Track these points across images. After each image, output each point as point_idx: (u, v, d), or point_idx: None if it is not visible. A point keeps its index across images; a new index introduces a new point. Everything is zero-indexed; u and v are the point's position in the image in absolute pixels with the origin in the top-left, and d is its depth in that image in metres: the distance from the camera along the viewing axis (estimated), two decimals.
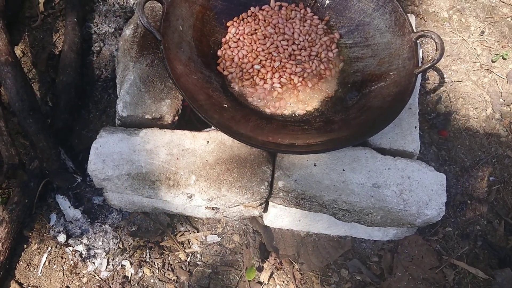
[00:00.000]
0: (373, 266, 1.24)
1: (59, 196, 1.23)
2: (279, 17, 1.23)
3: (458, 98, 1.47)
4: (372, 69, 1.16)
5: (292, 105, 1.16)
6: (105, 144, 1.06)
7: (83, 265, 1.19)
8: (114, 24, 1.47)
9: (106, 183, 1.06)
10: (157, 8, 1.22)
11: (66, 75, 1.32)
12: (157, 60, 1.16)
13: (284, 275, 1.22)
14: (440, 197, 1.07)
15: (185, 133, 1.10)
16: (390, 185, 1.07)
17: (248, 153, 1.08)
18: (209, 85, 1.12)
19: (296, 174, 1.06)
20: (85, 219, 1.22)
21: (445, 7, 1.61)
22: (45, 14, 1.48)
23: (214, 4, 1.20)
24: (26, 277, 1.17)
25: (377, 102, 1.10)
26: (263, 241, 1.24)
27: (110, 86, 1.39)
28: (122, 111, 1.09)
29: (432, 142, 1.39)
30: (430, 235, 1.28)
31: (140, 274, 1.19)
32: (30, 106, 1.20)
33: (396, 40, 1.14)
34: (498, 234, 1.30)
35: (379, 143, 1.13)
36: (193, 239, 1.24)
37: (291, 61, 1.18)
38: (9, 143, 1.22)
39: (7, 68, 1.21)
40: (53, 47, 1.44)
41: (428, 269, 1.22)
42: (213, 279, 1.20)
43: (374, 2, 1.18)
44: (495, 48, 1.54)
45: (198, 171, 1.06)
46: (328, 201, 1.05)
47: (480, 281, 1.23)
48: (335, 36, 1.23)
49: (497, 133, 1.43)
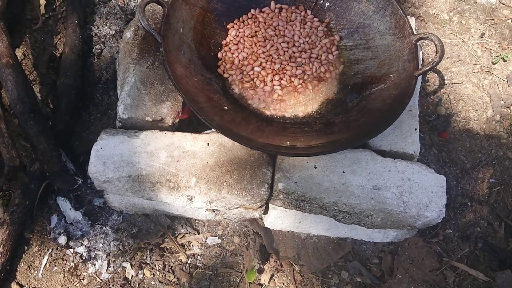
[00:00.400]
0: (373, 268, 1.24)
1: (60, 198, 1.24)
2: (279, 19, 1.23)
3: (458, 100, 1.47)
4: (372, 71, 1.16)
5: (293, 107, 1.16)
6: (106, 146, 1.07)
7: (83, 267, 1.19)
8: (115, 26, 1.47)
9: (106, 185, 1.07)
10: (157, 11, 1.22)
11: (67, 77, 1.32)
12: (157, 62, 1.16)
13: (285, 277, 1.22)
14: (440, 199, 1.07)
15: (185, 135, 1.10)
16: (390, 187, 1.07)
17: (248, 155, 1.09)
18: (210, 87, 1.12)
19: (296, 176, 1.06)
20: (86, 221, 1.22)
21: (445, 9, 1.61)
22: (46, 16, 1.49)
23: (214, 7, 1.20)
24: (27, 279, 1.17)
25: (377, 104, 1.10)
26: (263, 243, 1.24)
27: (111, 88, 1.39)
28: (122, 113, 1.10)
29: (432, 144, 1.39)
30: (431, 237, 1.28)
31: (141, 276, 1.19)
32: (31, 108, 1.20)
33: (396, 42, 1.15)
34: (498, 236, 1.30)
35: (379, 145, 1.13)
36: (194, 241, 1.24)
37: (291, 63, 1.18)
38: (10, 145, 1.22)
39: (8, 70, 1.21)
40: (54, 49, 1.45)
41: (429, 271, 1.22)
42: (213, 281, 1.21)
43: (374, 5, 1.18)
44: (495, 50, 1.54)
45: (198, 173, 1.06)
46: (328, 203, 1.05)
47: (481, 283, 1.23)
48: (335, 38, 1.24)
49: (497, 135, 1.43)
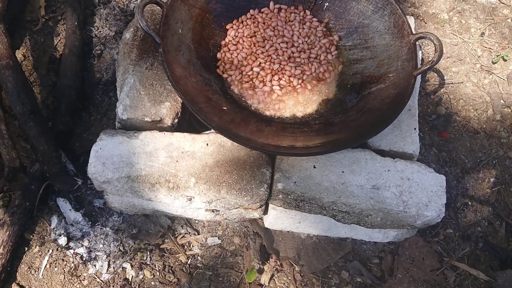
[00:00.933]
0: (373, 268, 1.24)
1: (60, 199, 1.24)
2: (278, 19, 1.23)
3: (458, 100, 1.46)
4: (371, 71, 1.16)
5: (292, 107, 1.16)
6: (105, 147, 1.07)
7: (84, 267, 1.19)
8: (115, 28, 1.47)
9: (106, 186, 1.07)
10: (156, 12, 1.22)
11: (67, 78, 1.33)
12: (156, 63, 1.16)
13: (285, 277, 1.22)
14: (440, 198, 1.07)
15: (184, 135, 1.10)
16: (390, 186, 1.07)
17: (248, 156, 1.09)
18: (209, 88, 1.12)
19: (295, 176, 1.06)
20: (86, 222, 1.22)
21: (445, 9, 1.61)
22: (46, 18, 1.49)
23: (213, 7, 1.20)
24: (28, 280, 1.18)
25: (376, 104, 1.10)
26: (263, 243, 1.24)
27: (111, 89, 1.40)
28: (122, 114, 1.10)
29: (432, 143, 1.39)
30: (431, 236, 1.27)
31: (141, 276, 1.19)
32: (31, 109, 1.21)
33: (395, 42, 1.14)
34: (499, 236, 1.29)
35: (379, 145, 1.13)
36: (194, 241, 1.24)
37: (290, 64, 1.18)
38: (10, 146, 1.22)
39: (8, 72, 1.22)
40: (54, 51, 1.45)
41: (429, 271, 1.22)
42: (213, 281, 1.21)
43: (373, 4, 1.18)
44: (495, 50, 1.54)
45: (197, 174, 1.06)
46: (328, 203, 1.05)
47: (481, 283, 1.23)
48: (334, 38, 1.24)
49: (498, 135, 1.42)
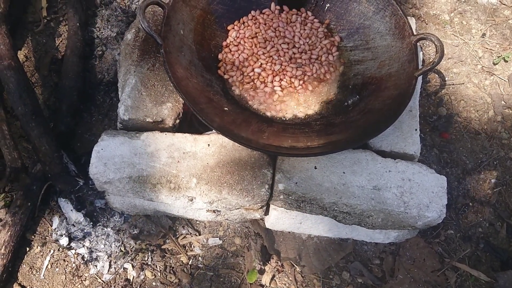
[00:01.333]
0: (374, 269, 1.24)
1: (61, 199, 1.24)
2: (279, 20, 1.23)
3: (459, 101, 1.47)
4: (373, 72, 1.16)
5: (293, 108, 1.16)
6: (107, 148, 1.07)
7: (85, 268, 1.20)
8: (116, 29, 1.48)
9: (107, 186, 1.07)
10: (158, 12, 1.23)
11: (69, 79, 1.33)
12: (158, 64, 1.16)
13: (286, 278, 1.22)
14: (440, 199, 1.07)
15: (186, 136, 1.10)
16: (391, 187, 1.07)
17: (249, 156, 1.09)
18: (210, 89, 1.12)
19: (296, 176, 1.07)
20: (87, 222, 1.22)
21: (446, 10, 1.61)
22: (48, 18, 1.49)
23: (214, 8, 1.20)
24: (29, 280, 1.18)
25: (377, 104, 1.10)
26: (264, 244, 1.24)
27: (112, 90, 1.40)
28: (123, 115, 1.10)
29: (434, 144, 1.39)
30: (432, 237, 1.27)
31: (142, 277, 1.19)
32: (33, 110, 1.21)
33: (396, 43, 1.15)
34: (500, 237, 1.29)
35: (380, 146, 1.13)
36: (195, 242, 1.25)
37: (291, 64, 1.18)
38: (12, 147, 1.23)
39: (10, 73, 1.22)
40: (55, 52, 1.45)
41: (430, 272, 1.22)
42: (214, 281, 1.21)
43: (374, 5, 1.18)
44: (496, 51, 1.54)
45: (199, 174, 1.06)
46: (329, 204, 1.05)
47: (482, 284, 1.23)
48: (336, 39, 1.24)
49: (499, 136, 1.42)
